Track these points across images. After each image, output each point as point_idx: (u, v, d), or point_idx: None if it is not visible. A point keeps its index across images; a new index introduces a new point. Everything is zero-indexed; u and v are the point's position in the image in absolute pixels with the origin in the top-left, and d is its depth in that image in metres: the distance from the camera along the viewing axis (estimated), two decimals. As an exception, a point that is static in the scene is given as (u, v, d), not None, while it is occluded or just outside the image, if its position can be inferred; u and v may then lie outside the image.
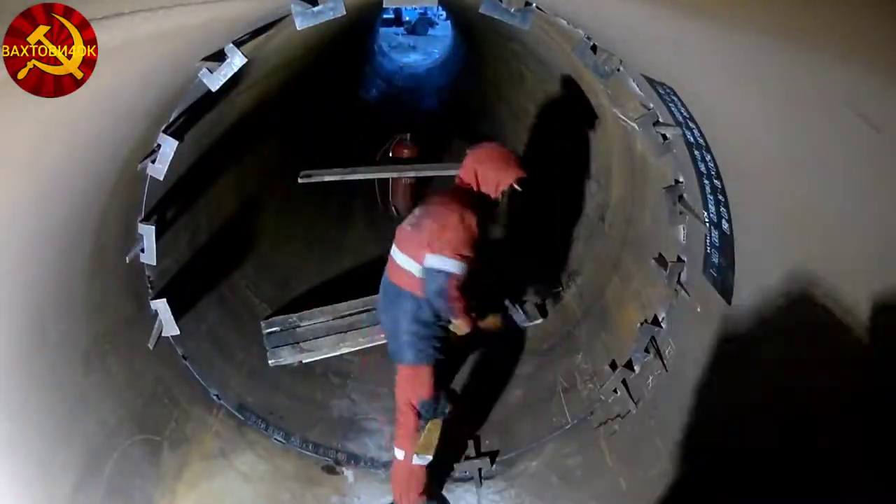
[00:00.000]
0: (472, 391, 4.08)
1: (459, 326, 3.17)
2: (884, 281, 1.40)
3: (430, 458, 3.18)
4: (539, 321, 4.47)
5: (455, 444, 3.63)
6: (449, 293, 2.93)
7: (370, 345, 4.24)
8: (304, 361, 4.11)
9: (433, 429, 3.17)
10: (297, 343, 4.16)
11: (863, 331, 1.54)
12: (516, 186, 3.12)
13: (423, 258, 2.94)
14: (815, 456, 1.86)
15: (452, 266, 2.91)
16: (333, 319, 4.35)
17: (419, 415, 3.16)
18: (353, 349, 4.22)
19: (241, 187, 4.69)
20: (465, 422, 3.78)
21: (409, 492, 3.22)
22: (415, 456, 3.15)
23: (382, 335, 4.18)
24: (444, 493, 3.44)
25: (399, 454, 3.21)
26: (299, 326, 4.30)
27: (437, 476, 3.42)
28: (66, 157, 2.04)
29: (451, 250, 2.90)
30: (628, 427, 3.25)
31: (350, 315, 4.40)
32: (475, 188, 3.12)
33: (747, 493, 2.23)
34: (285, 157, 5.76)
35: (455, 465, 3.56)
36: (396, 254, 3.13)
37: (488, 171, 3.10)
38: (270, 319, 4.33)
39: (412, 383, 3.13)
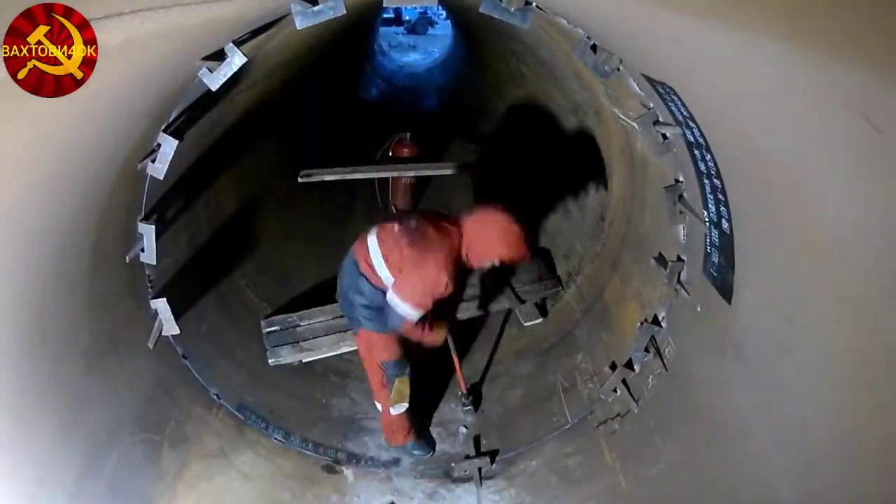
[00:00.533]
0: (472, 390, 4.09)
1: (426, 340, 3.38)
2: (885, 281, 1.40)
3: (404, 406, 3.47)
4: (539, 320, 4.47)
5: (436, 389, 4.01)
6: (403, 328, 3.12)
7: None
8: (303, 361, 4.11)
9: (402, 383, 3.39)
10: (297, 342, 4.16)
11: (864, 330, 1.54)
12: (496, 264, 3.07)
13: (391, 287, 3.04)
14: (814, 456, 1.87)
15: (410, 313, 2.99)
16: (333, 319, 4.35)
17: (385, 373, 3.37)
18: (352, 348, 4.22)
19: (241, 187, 4.69)
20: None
21: (394, 435, 3.65)
22: (390, 408, 3.44)
23: None
24: (443, 490, 3.44)
25: (378, 406, 3.60)
26: (299, 326, 4.30)
27: (423, 418, 3.82)
28: (66, 157, 2.04)
29: (415, 300, 2.96)
30: (628, 426, 3.25)
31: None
32: (461, 249, 3.02)
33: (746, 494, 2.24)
34: (285, 156, 5.76)
35: (454, 465, 3.57)
36: (373, 244, 3.16)
37: (482, 245, 3.01)
38: (270, 319, 4.33)
39: (373, 347, 3.33)
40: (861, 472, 1.62)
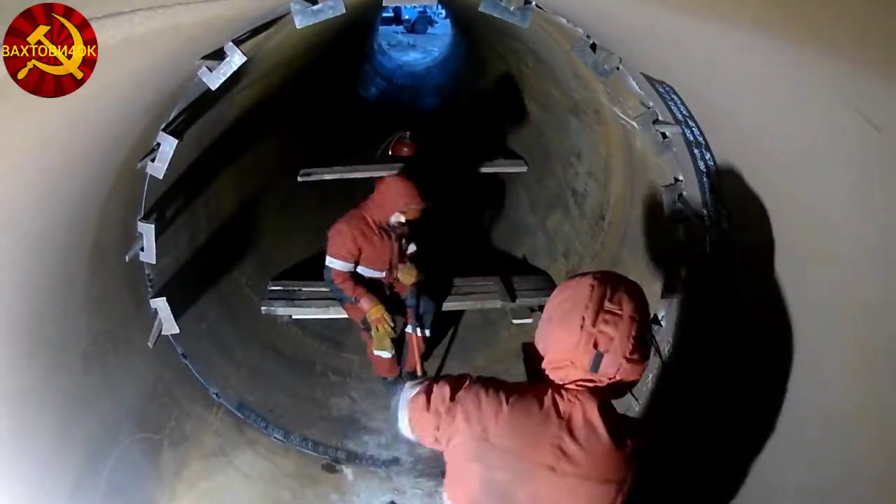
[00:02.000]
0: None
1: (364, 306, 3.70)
2: (884, 281, 1.40)
3: (385, 353, 3.82)
4: (529, 321, 4.47)
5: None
6: (335, 281, 3.70)
7: None
8: (294, 316, 4.37)
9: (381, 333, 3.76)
10: (292, 300, 4.35)
11: (864, 329, 1.54)
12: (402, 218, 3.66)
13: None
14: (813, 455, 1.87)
15: (335, 264, 3.67)
16: None
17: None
18: (342, 315, 4.28)
19: (241, 186, 4.69)
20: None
21: (377, 368, 4.07)
22: (374, 350, 3.82)
23: None
24: (442, 489, 3.43)
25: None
26: (300, 291, 4.45)
27: None
28: (66, 157, 2.03)
29: (331, 252, 3.68)
30: (628, 425, 3.25)
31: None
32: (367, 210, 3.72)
33: (746, 494, 2.24)
34: (285, 155, 5.76)
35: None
36: None
37: (383, 200, 3.65)
38: (277, 281, 4.54)
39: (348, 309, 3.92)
40: (861, 471, 1.62)
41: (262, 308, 4.23)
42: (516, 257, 5.46)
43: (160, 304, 3.15)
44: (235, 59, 2.52)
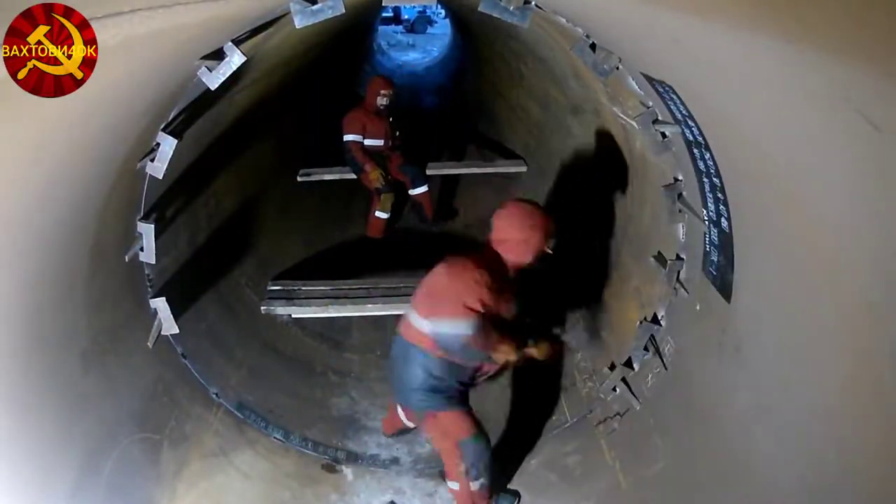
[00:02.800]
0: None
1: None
2: (883, 281, 1.40)
3: (385, 214, 4.36)
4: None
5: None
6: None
7: (358, 314, 4.40)
8: (293, 315, 4.35)
9: (387, 197, 4.29)
10: (292, 299, 4.33)
11: (864, 329, 1.54)
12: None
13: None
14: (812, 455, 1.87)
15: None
16: (332, 289, 4.44)
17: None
18: (341, 314, 4.35)
19: (241, 186, 4.69)
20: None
21: (371, 229, 4.32)
22: (377, 212, 4.21)
23: (369, 306, 4.33)
24: (442, 489, 3.44)
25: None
26: (300, 290, 4.45)
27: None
28: (66, 157, 2.04)
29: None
30: (628, 425, 3.25)
31: (350, 289, 4.45)
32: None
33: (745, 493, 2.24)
34: (285, 155, 5.76)
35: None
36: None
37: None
38: (277, 281, 4.52)
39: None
40: (861, 471, 1.62)
41: (262, 308, 4.22)
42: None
43: (160, 304, 3.16)
44: (235, 59, 2.52)
